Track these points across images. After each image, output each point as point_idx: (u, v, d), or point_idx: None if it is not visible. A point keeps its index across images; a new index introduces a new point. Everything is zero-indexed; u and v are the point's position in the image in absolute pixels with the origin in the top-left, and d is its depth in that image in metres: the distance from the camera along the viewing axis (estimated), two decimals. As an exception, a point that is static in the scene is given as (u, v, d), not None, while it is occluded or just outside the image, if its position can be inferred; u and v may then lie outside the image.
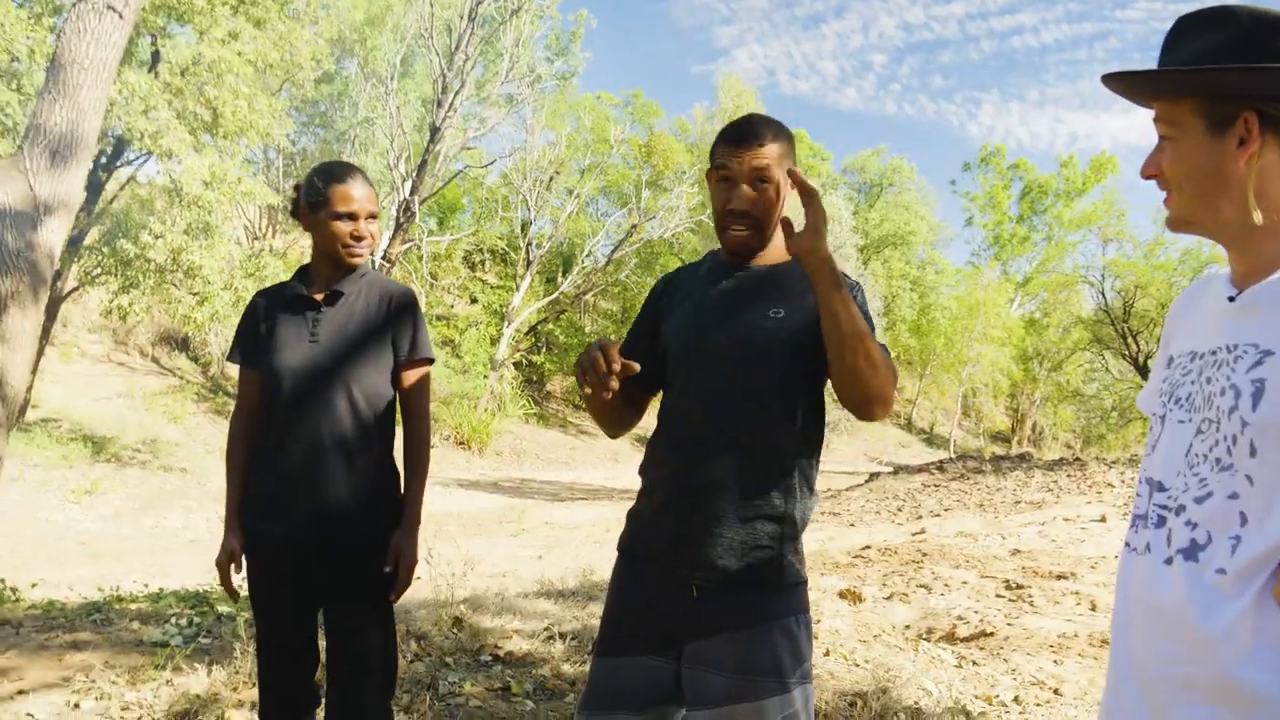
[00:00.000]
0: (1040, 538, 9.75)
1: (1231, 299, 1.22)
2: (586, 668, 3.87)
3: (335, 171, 2.34)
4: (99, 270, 13.75)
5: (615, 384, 1.64)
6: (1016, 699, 4.11)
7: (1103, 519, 10.79)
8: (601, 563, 6.92)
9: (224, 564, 2.33)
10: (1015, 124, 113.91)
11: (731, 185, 1.82)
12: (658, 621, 1.80)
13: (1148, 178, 1.27)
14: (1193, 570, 1.14)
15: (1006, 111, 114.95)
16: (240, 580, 2.37)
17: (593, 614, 4.86)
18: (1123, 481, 13.99)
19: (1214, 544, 1.13)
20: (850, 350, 1.64)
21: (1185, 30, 1.21)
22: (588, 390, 1.70)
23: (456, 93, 21.92)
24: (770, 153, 1.80)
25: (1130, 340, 31.15)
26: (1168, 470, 1.23)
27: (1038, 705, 4.06)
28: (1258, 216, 1.15)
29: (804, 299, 1.82)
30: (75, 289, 14.92)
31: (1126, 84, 1.26)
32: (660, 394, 1.99)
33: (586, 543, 10.54)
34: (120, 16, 4.96)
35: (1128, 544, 1.29)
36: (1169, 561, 1.18)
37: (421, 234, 26.09)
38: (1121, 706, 1.24)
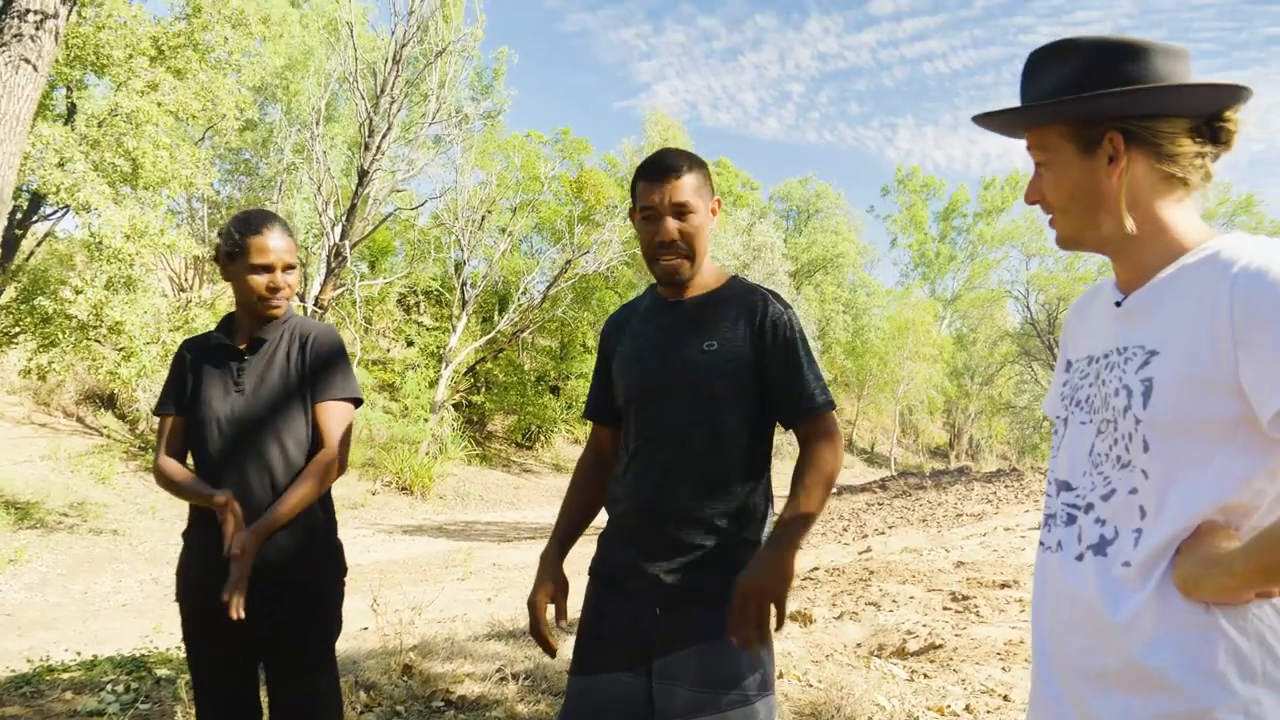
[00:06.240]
0: (983, 548, 9.94)
1: (1119, 304, 1.29)
2: (541, 707, 3.84)
3: (253, 222, 2.31)
4: (16, 329, 13.31)
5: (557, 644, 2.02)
6: (968, 707, 4.17)
7: (1041, 526, 11.04)
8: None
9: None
10: (931, 147, 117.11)
11: (656, 220, 1.90)
12: (627, 639, 1.87)
13: (1031, 203, 1.34)
14: (1102, 564, 1.20)
15: (921, 135, 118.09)
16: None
17: (545, 653, 4.80)
18: (1057, 489, 14.34)
19: (1120, 538, 1.19)
20: None
21: (1039, 64, 1.29)
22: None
23: (384, 135, 21.78)
24: (688, 184, 1.89)
25: (1057, 351, 32.11)
26: (1073, 470, 1.30)
27: (988, 712, 4.13)
28: (1130, 225, 1.24)
29: (735, 329, 1.91)
30: (-10, 350, 14.39)
31: (998, 120, 1.33)
32: None
33: (535, 581, 10.40)
34: (34, 69, 4.87)
35: (1042, 543, 1.35)
36: (1080, 558, 1.24)
37: (354, 278, 25.77)
38: (1044, 700, 1.29)
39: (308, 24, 23.58)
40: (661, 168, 1.90)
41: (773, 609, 1.70)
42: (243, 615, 2.12)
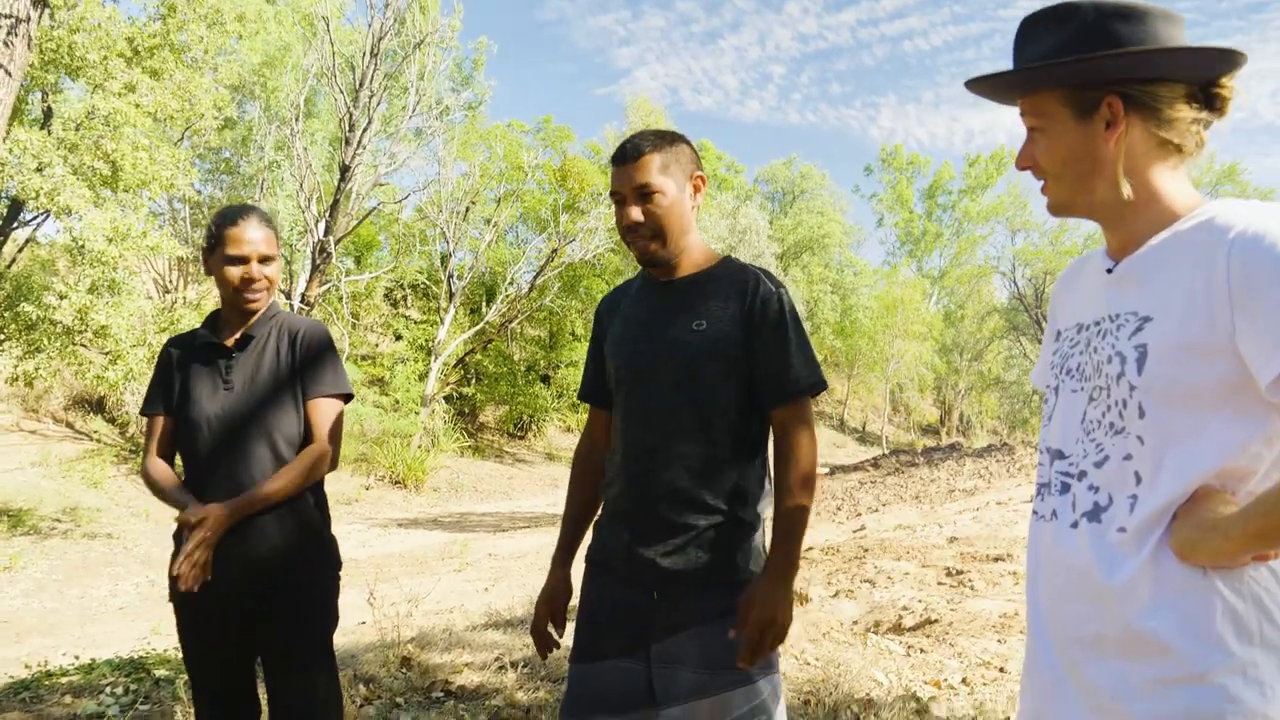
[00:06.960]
0: (976, 523, 10.01)
1: (1110, 271, 1.28)
2: (540, 694, 3.85)
3: (230, 214, 2.30)
4: (1, 336, 13.22)
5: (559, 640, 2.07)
6: (965, 680, 4.20)
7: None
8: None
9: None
10: (914, 125, 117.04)
11: (622, 204, 1.90)
12: (625, 625, 1.87)
13: (1023, 169, 1.32)
14: (1096, 531, 1.20)
15: (904, 114, 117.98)
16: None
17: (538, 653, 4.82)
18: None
19: (1114, 505, 1.19)
20: None
21: (1034, 27, 1.27)
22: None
23: (364, 130, 21.63)
24: (650, 165, 1.88)
25: (1045, 325, 32.24)
26: (1066, 438, 1.29)
27: (985, 684, 4.16)
28: (1127, 191, 1.22)
29: (725, 308, 1.89)
30: (-26, 359, 14.27)
31: (991, 85, 1.31)
32: None
33: (532, 570, 10.45)
34: (8, 74, 4.82)
35: (1035, 512, 1.34)
36: (1074, 525, 1.23)
37: (339, 274, 25.67)
38: (1039, 668, 1.29)
39: (283, 20, 23.35)
40: (622, 153, 1.91)
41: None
42: (194, 588, 2.09)
